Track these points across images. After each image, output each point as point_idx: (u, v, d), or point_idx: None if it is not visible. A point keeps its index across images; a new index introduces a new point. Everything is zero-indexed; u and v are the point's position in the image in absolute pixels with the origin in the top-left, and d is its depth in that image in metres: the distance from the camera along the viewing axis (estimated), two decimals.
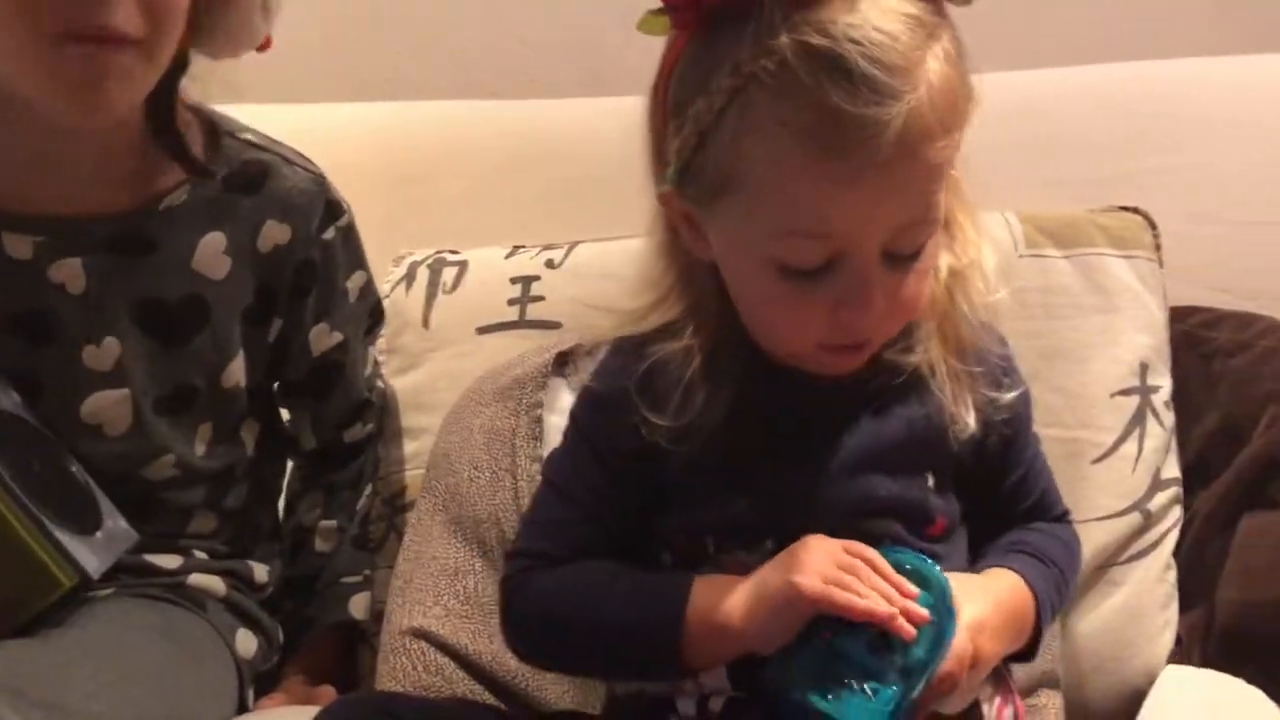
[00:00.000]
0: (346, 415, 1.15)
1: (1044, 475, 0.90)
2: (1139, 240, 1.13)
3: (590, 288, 1.16)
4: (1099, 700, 1.04)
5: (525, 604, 0.83)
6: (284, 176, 1.07)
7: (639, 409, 0.80)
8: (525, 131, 1.40)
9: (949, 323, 0.82)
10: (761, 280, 0.76)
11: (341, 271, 1.11)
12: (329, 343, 1.12)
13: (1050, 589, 0.84)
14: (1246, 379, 1.10)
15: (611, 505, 0.83)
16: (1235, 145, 1.25)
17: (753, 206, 0.74)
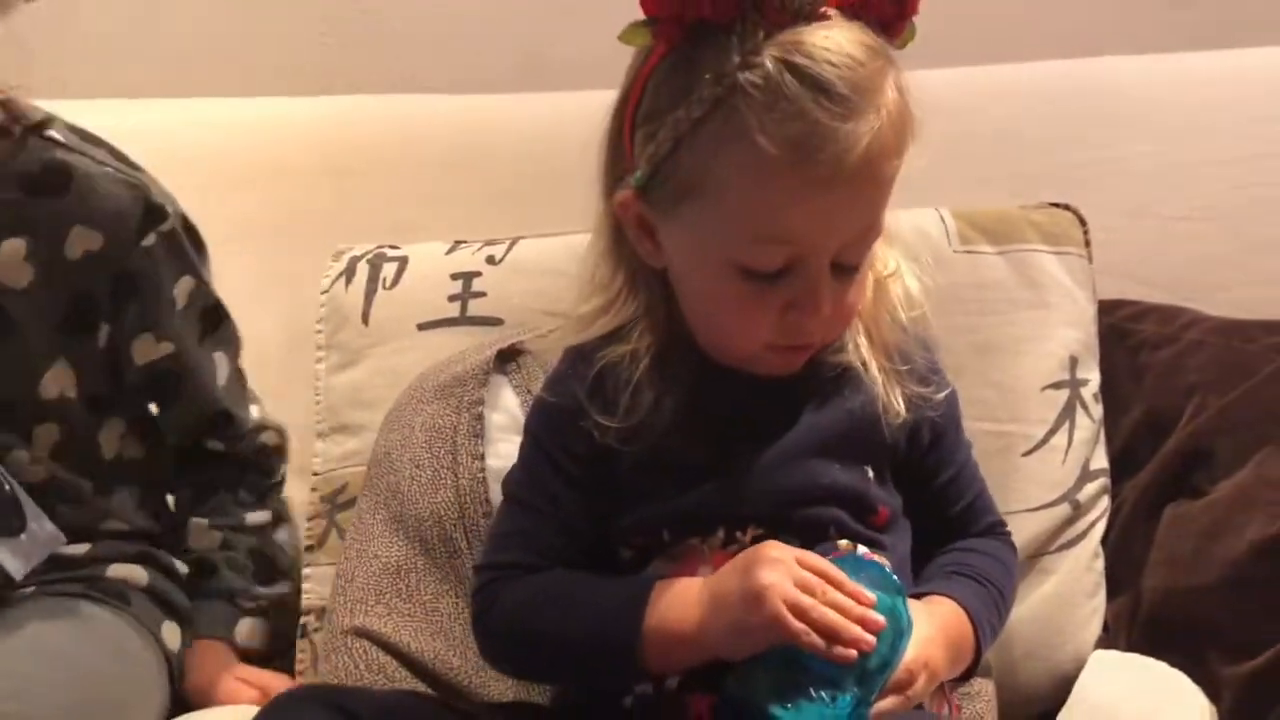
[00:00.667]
0: (200, 424, 1.11)
1: (977, 482, 0.94)
2: (1070, 237, 1.16)
3: (532, 284, 1.17)
4: (1029, 685, 1.06)
5: (493, 617, 0.86)
6: (92, 179, 1.02)
7: (589, 413, 0.84)
8: (464, 126, 1.40)
9: (875, 326, 0.88)
10: (719, 282, 0.81)
11: (167, 279, 1.07)
12: (157, 352, 1.08)
13: (990, 613, 0.88)
14: (1171, 371, 1.13)
15: (571, 510, 0.86)
16: (1163, 142, 1.28)
17: (722, 211, 0.79)
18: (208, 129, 1.41)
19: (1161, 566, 1.05)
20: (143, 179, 1.06)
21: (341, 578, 1.07)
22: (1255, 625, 0.96)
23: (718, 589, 0.79)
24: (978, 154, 1.30)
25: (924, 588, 0.87)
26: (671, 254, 0.84)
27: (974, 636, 0.85)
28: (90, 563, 1.05)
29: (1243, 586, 0.98)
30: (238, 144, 1.40)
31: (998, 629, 0.89)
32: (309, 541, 1.16)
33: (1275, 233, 1.23)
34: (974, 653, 0.86)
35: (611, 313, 0.87)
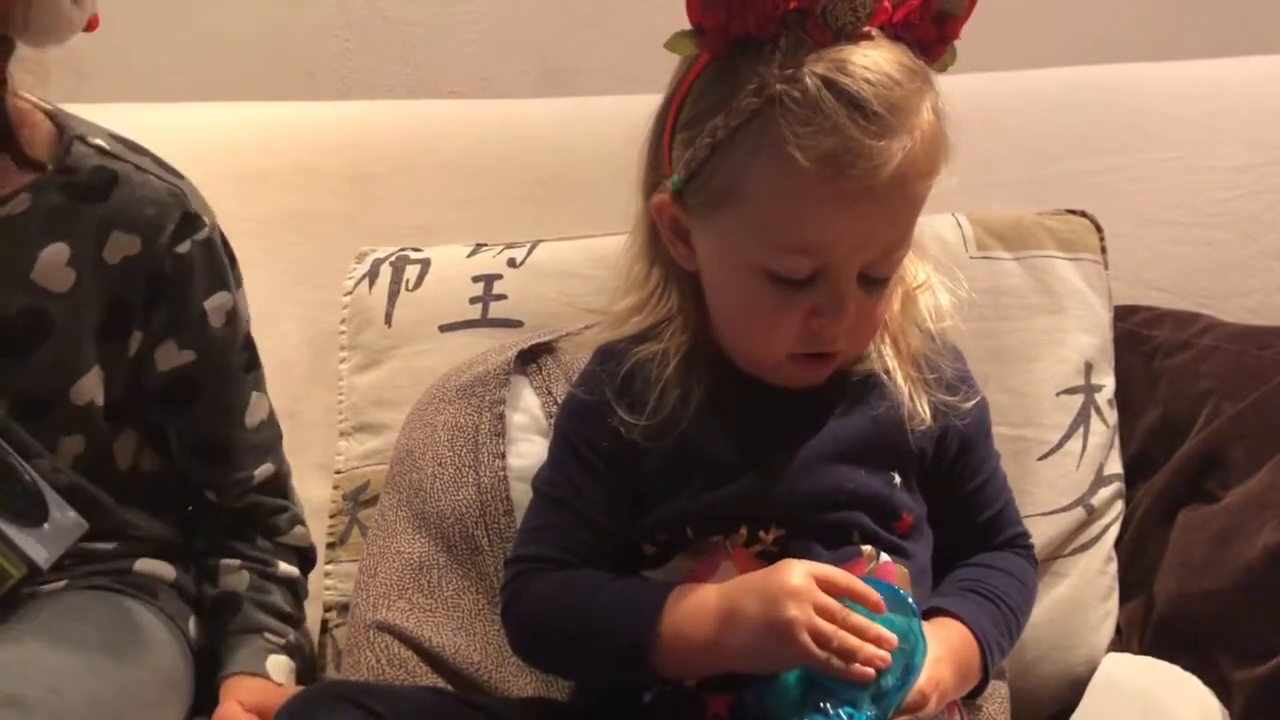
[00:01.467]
0: (213, 449, 1.08)
1: (1005, 492, 0.95)
2: (1086, 243, 1.17)
3: (552, 286, 1.18)
4: (1042, 688, 1.07)
5: (520, 610, 0.88)
6: (134, 185, 1.03)
7: (617, 411, 0.86)
8: (484, 131, 1.41)
9: (902, 336, 0.89)
10: (747, 287, 0.82)
11: (199, 289, 1.06)
12: (178, 360, 1.06)
13: (1000, 634, 0.88)
14: (1186, 377, 1.14)
15: (597, 506, 0.88)
16: (1177, 149, 1.28)
17: (754, 219, 0.81)
18: (230, 131, 1.42)
19: (1175, 570, 1.06)
20: (184, 187, 1.07)
21: (364, 573, 1.08)
22: (1267, 629, 0.97)
23: (736, 608, 0.79)
24: (995, 160, 1.31)
25: (937, 603, 0.87)
26: (703, 258, 0.86)
27: (981, 658, 0.86)
28: (117, 557, 1.07)
29: (1255, 591, 0.98)
30: (260, 147, 1.41)
31: (1006, 649, 0.90)
32: (330, 539, 1.17)
33: None
34: (981, 672, 0.87)
35: (645, 311, 0.90)
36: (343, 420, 1.21)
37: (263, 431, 1.11)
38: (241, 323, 1.11)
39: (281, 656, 1.07)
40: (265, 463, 1.11)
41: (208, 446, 1.09)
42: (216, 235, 1.09)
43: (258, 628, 1.07)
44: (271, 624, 1.08)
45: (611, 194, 0.93)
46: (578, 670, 0.91)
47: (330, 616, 1.14)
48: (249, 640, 1.06)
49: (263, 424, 1.12)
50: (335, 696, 0.81)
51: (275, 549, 1.11)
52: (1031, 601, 0.93)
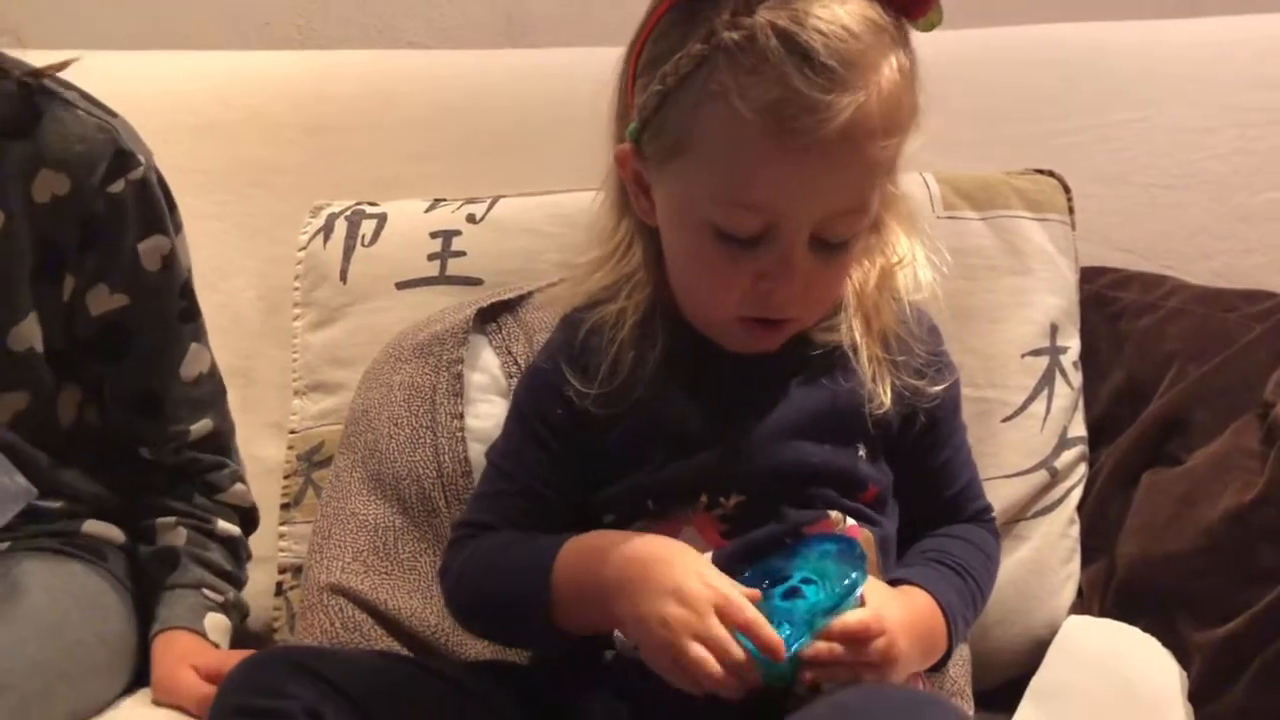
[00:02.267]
0: (147, 401, 1.05)
1: (970, 467, 0.94)
2: (1053, 203, 1.16)
3: (513, 243, 1.16)
4: (1003, 650, 1.07)
5: (447, 577, 0.88)
6: (61, 121, 0.99)
7: (570, 379, 0.85)
8: (444, 83, 1.38)
9: (875, 314, 0.86)
10: (696, 243, 0.80)
11: (132, 231, 1.02)
12: (110, 305, 1.02)
13: (965, 606, 0.87)
14: (1152, 339, 1.14)
15: (540, 475, 0.87)
16: (1147, 110, 1.27)
17: (700, 171, 0.78)
18: (184, 81, 1.39)
19: (1137, 533, 1.06)
20: (115, 124, 1.03)
21: (318, 535, 1.07)
22: (1227, 592, 0.97)
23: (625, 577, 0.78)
24: (963, 118, 1.29)
25: (901, 574, 0.86)
26: (659, 210, 0.84)
27: (946, 627, 0.84)
28: (64, 517, 1.04)
29: (1216, 554, 0.99)
30: (214, 97, 1.38)
31: (970, 620, 0.89)
32: (285, 499, 1.15)
33: (1258, 201, 1.23)
34: (947, 642, 0.85)
35: (608, 267, 0.88)
36: (297, 379, 1.19)
37: (202, 385, 1.08)
38: (179, 269, 1.06)
39: (219, 615, 1.05)
40: (204, 418, 1.07)
41: (141, 398, 1.05)
42: (153, 176, 1.04)
43: (196, 583, 1.05)
44: (210, 580, 1.05)
45: (575, 149, 0.91)
46: (498, 632, 0.90)
47: (285, 579, 1.12)
48: (186, 595, 1.04)
49: (202, 377, 1.08)
50: (286, 662, 0.79)
51: (214, 507, 1.08)
52: (994, 574, 0.92)
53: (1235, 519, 0.97)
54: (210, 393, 1.09)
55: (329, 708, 0.75)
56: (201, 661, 1.00)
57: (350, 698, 0.76)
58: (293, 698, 0.75)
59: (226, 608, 1.06)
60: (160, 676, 1.02)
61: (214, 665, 0.99)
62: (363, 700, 0.76)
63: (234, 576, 1.08)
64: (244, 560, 1.11)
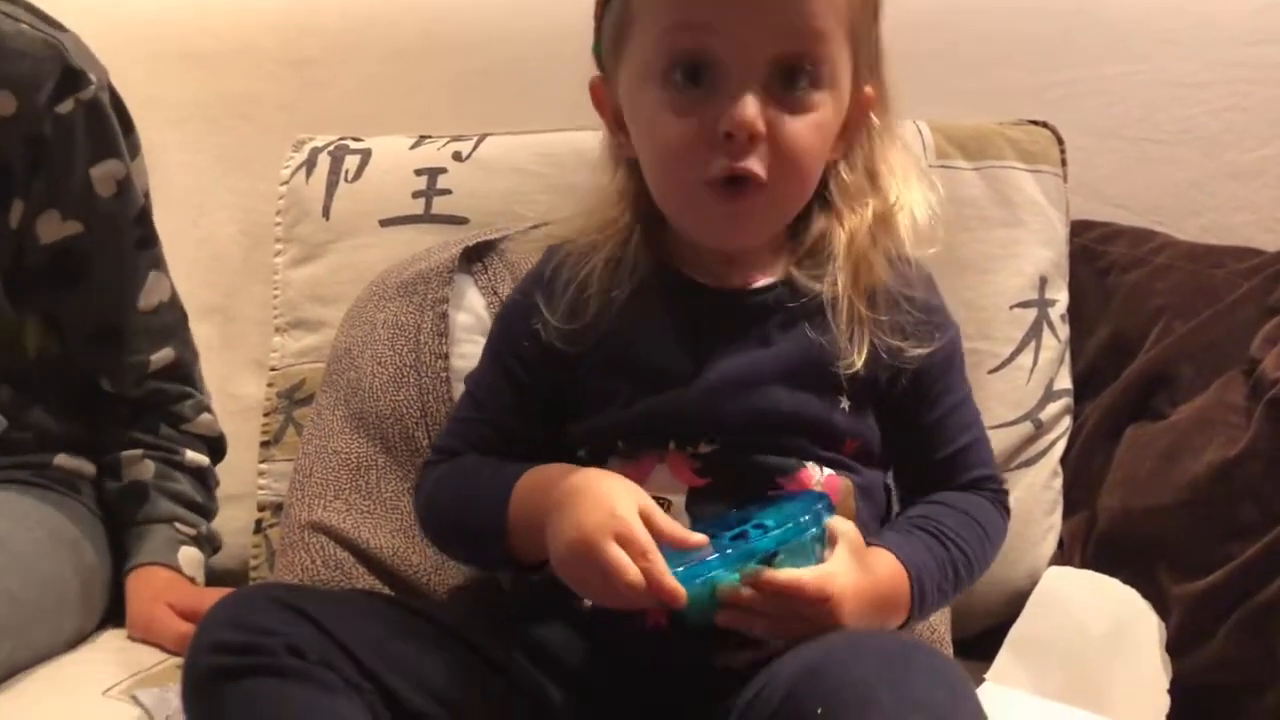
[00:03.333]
0: (106, 331, 1.02)
1: (968, 432, 0.88)
2: (1046, 155, 1.15)
3: (500, 183, 1.15)
4: (983, 600, 1.07)
5: (418, 499, 0.90)
6: (4, 36, 0.95)
7: (541, 311, 0.84)
8: (432, 18, 1.35)
9: (865, 264, 0.83)
10: (654, 109, 0.79)
11: (82, 154, 0.98)
12: (62, 232, 0.99)
13: (943, 575, 0.82)
14: (1139, 294, 1.13)
15: (508, 407, 0.87)
16: (1140, 64, 1.26)
17: (642, 31, 0.79)
18: (162, 9, 1.36)
19: (1119, 486, 1.06)
20: (63, 39, 0.98)
21: (300, 473, 1.05)
22: (1207, 546, 0.98)
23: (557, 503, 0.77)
24: (956, 68, 1.28)
25: (874, 541, 0.82)
26: (626, 113, 0.83)
27: (911, 592, 0.80)
28: (35, 449, 1.03)
29: (1198, 507, 0.99)
30: (194, 26, 1.35)
31: (949, 591, 0.83)
32: (265, 437, 1.14)
33: (1249, 158, 1.22)
34: (910, 608, 0.80)
35: (595, 213, 0.87)
36: (278, 316, 1.17)
37: (161, 315, 1.05)
38: (134, 195, 1.03)
39: (192, 548, 1.04)
40: (165, 347, 1.05)
41: (99, 328, 1.03)
42: (105, 95, 1.00)
43: (167, 517, 1.03)
44: (181, 513, 1.04)
45: (564, 88, 0.90)
46: (462, 553, 0.91)
47: (264, 516, 1.11)
48: (158, 530, 1.02)
49: (161, 306, 1.05)
50: (267, 599, 0.77)
51: (180, 437, 1.06)
52: (992, 546, 0.86)
53: (1218, 474, 0.98)
54: (171, 322, 1.07)
55: (310, 644, 0.74)
56: (178, 598, 0.99)
57: (331, 634, 0.75)
58: (274, 634, 0.74)
59: (199, 541, 1.05)
60: (136, 614, 1.01)
61: (190, 602, 0.98)
62: (344, 637, 0.75)
63: (204, 508, 1.07)
64: (213, 490, 1.09)
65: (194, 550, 1.04)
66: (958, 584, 0.84)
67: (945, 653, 1.00)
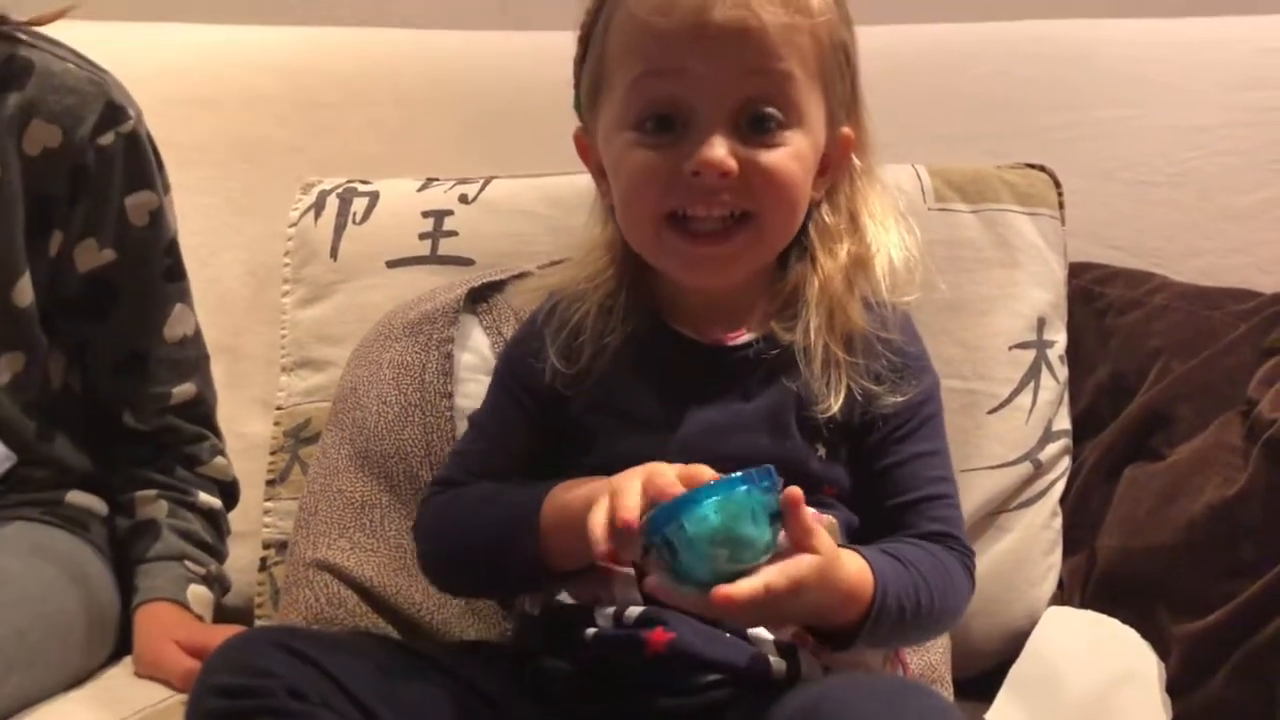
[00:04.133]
0: (130, 361, 1.04)
1: (939, 484, 0.86)
2: (1044, 198, 1.16)
3: (505, 225, 1.16)
4: (983, 640, 1.08)
5: (420, 529, 0.90)
6: (52, 73, 0.99)
7: (543, 353, 0.87)
8: (437, 63, 1.37)
9: (839, 309, 0.84)
10: (625, 153, 0.82)
11: (118, 184, 1.01)
12: (98, 261, 1.01)
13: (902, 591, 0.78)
14: (1137, 335, 1.14)
15: (521, 437, 0.89)
16: (1137, 107, 1.28)
17: (616, 83, 0.82)
18: (175, 53, 1.38)
19: (1118, 526, 1.06)
20: (105, 78, 1.02)
21: (305, 511, 1.06)
22: (1206, 586, 0.98)
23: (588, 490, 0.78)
24: (954, 111, 1.30)
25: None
26: (605, 165, 0.85)
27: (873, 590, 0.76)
28: (48, 486, 1.04)
29: (1196, 548, 0.99)
30: (206, 70, 1.37)
31: (908, 609, 0.78)
32: (270, 475, 1.15)
33: (1245, 201, 1.24)
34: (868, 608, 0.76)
35: (588, 260, 0.89)
36: (285, 355, 1.19)
37: (185, 349, 1.07)
38: (166, 227, 1.06)
39: (201, 587, 1.04)
40: (186, 382, 1.07)
41: (125, 358, 1.05)
42: (143, 130, 1.04)
43: (178, 554, 1.04)
44: (192, 552, 1.05)
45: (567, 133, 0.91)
46: (473, 573, 0.88)
47: (269, 554, 1.12)
48: (169, 567, 1.03)
49: (185, 340, 1.08)
50: (268, 642, 0.78)
51: (195, 479, 1.08)
52: (953, 594, 0.82)
53: (1217, 514, 0.98)
54: (194, 357, 1.09)
55: (312, 688, 0.75)
56: (185, 635, 1.00)
57: (334, 678, 0.76)
58: (276, 677, 0.74)
59: (209, 580, 1.05)
60: (143, 650, 1.01)
61: (198, 640, 0.98)
62: (345, 679, 0.76)
63: (215, 549, 1.08)
64: (225, 534, 1.10)
65: (203, 589, 1.05)
66: (918, 612, 0.79)
67: (944, 693, 1.00)
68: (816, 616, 0.76)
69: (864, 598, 0.76)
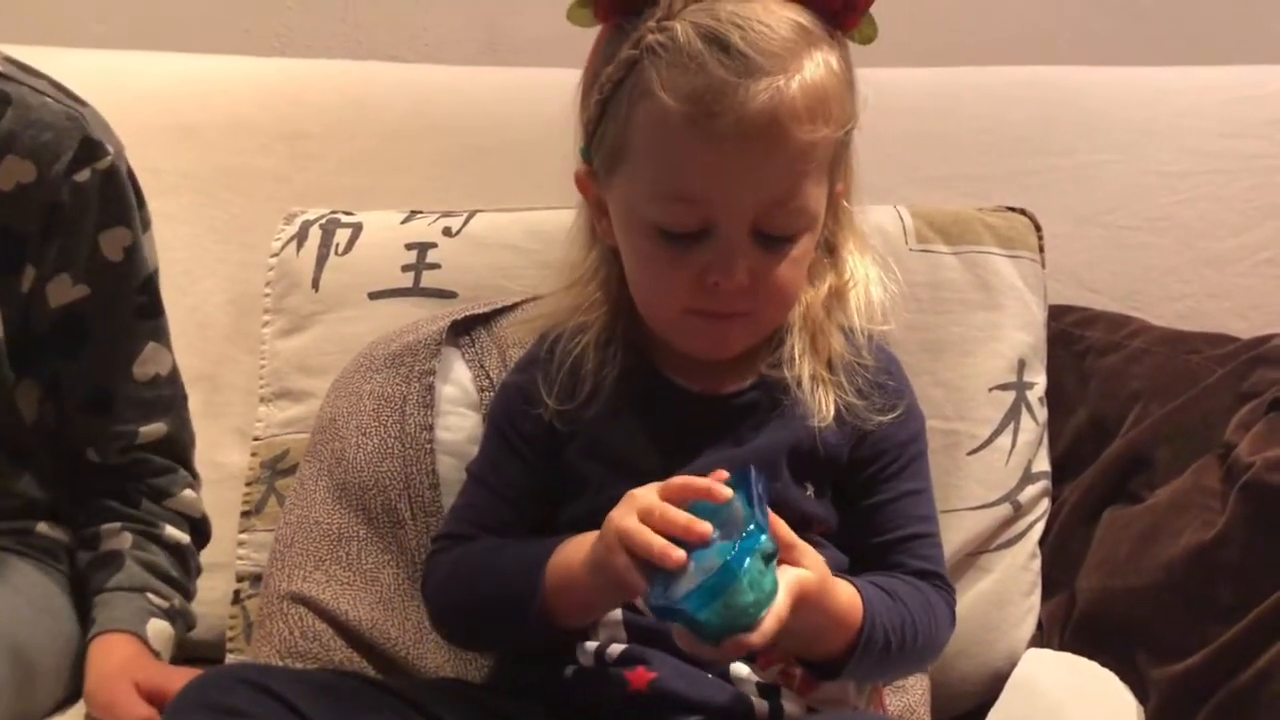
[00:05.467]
0: (99, 397, 1.02)
1: (924, 523, 0.88)
2: (1025, 241, 1.17)
3: (489, 258, 1.16)
4: (962, 682, 1.07)
5: (428, 586, 0.89)
6: (29, 108, 0.98)
7: (538, 394, 0.87)
8: (421, 96, 1.37)
9: (821, 336, 0.87)
10: (642, 245, 0.82)
11: (93, 219, 1.00)
12: (71, 295, 1.00)
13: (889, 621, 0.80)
14: (1116, 378, 1.15)
15: (518, 484, 0.88)
16: (1117, 152, 1.29)
17: (638, 171, 0.81)
18: (161, 82, 1.38)
19: (1097, 568, 1.06)
20: (85, 113, 1.01)
21: (280, 543, 1.05)
22: (1185, 629, 0.98)
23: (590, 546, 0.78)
24: (937, 154, 1.31)
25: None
26: (614, 224, 0.85)
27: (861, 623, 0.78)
28: (19, 516, 1.02)
29: (1175, 590, 0.99)
30: (191, 99, 1.37)
31: (893, 641, 0.79)
32: (246, 507, 1.14)
33: (1223, 247, 1.25)
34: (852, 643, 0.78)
35: (574, 291, 0.90)
36: (264, 385, 1.18)
37: (158, 388, 1.05)
38: (141, 263, 1.04)
39: (163, 622, 1.00)
40: (156, 421, 1.04)
41: (93, 395, 1.03)
42: (122, 166, 1.03)
43: (140, 586, 1.00)
44: (155, 584, 1.01)
45: (552, 167, 0.92)
46: (482, 634, 0.89)
47: (242, 587, 1.11)
48: (130, 598, 0.99)
49: (159, 380, 1.05)
50: (236, 679, 0.77)
51: (162, 512, 1.05)
52: (937, 630, 0.84)
53: (1196, 557, 0.98)
54: (167, 397, 1.06)
55: None
56: (143, 676, 0.94)
57: (302, 714, 0.75)
58: (244, 715, 0.73)
59: (171, 615, 1.01)
60: (96, 689, 0.94)
61: (156, 682, 0.92)
62: (315, 716, 0.75)
63: (181, 584, 1.04)
64: (193, 572, 1.07)
65: (165, 624, 1.00)
66: (903, 645, 0.80)
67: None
68: (808, 640, 0.77)
69: (853, 624, 0.78)
